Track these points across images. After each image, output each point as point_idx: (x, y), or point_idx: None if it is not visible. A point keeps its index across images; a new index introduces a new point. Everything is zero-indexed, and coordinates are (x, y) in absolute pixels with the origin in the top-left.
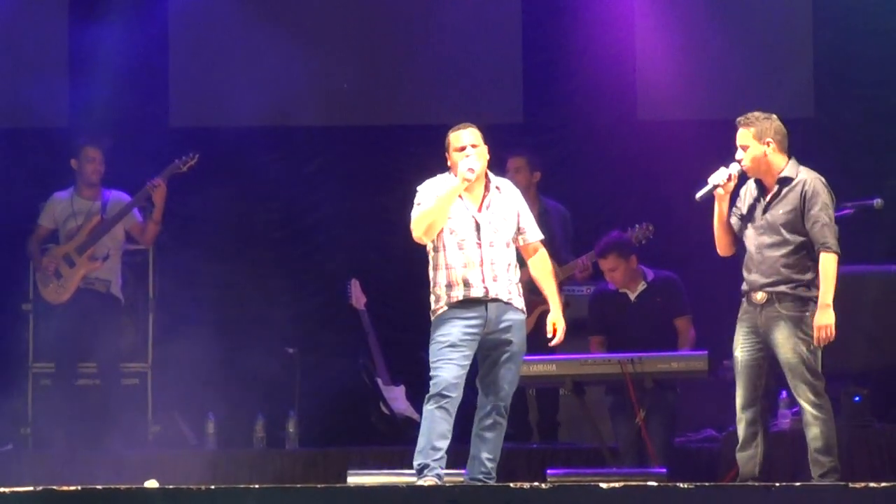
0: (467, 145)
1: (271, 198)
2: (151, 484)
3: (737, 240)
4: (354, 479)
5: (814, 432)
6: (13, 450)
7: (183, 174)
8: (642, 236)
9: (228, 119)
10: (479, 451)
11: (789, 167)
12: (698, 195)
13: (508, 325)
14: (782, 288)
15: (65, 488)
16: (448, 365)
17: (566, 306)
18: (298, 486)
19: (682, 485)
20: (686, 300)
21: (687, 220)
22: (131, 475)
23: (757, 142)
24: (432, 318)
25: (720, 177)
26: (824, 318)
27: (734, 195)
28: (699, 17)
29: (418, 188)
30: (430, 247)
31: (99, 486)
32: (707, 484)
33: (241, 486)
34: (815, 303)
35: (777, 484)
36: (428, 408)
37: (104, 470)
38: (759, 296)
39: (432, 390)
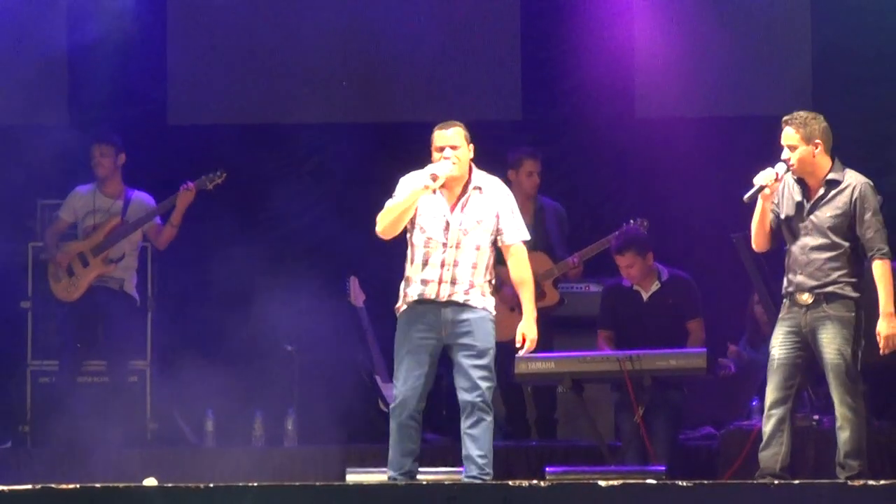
0: (446, 146)
1: (270, 195)
2: (150, 482)
3: (775, 237)
4: (353, 478)
5: (846, 435)
6: (11, 448)
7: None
8: None
9: (227, 117)
10: (470, 451)
11: (835, 169)
12: (746, 196)
13: (467, 325)
14: (830, 289)
15: (63, 486)
16: (406, 375)
17: (560, 303)
18: (297, 484)
19: (681, 482)
20: (699, 302)
21: (684, 218)
22: (130, 473)
23: (805, 143)
24: (396, 315)
25: (767, 177)
26: (889, 328)
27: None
28: (698, 15)
29: (400, 180)
30: (394, 235)
31: (97, 485)
32: (706, 482)
33: (240, 484)
34: (861, 305)
35: (775, 482)
36: (392, 421)
37: (103, 468)
38: (806, 297)
39: (393, 402)
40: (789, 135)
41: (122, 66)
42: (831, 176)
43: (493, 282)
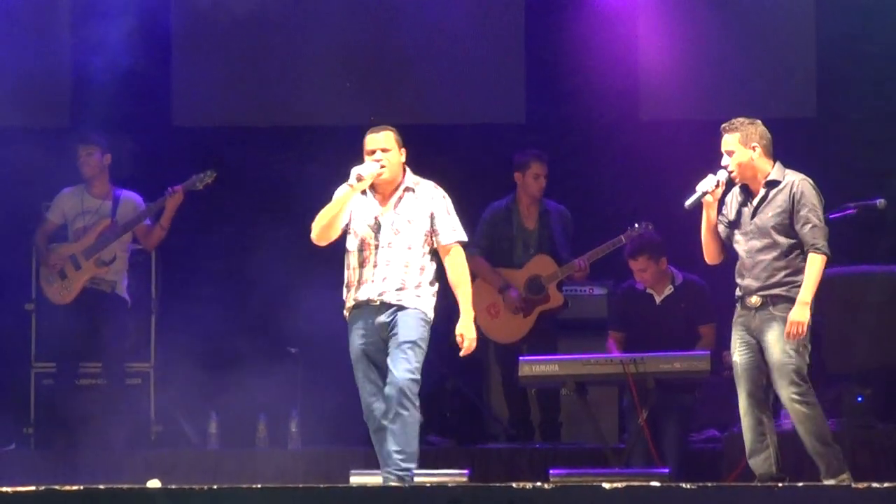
0: (377, 149)
1: (274, 197)
2: (154, 484)
3: (725, 248)
4: (357, 479)
5: (804, 429)
6: (15, 449)
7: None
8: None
9: (231, 118)
10: (389, 446)
11: (775, 170)
12: (687, 203)
13: (395, 319)
14: (777, 291)
15: (67, 488)
16: (362, 384)
17: (564, 306)
18: (301, 485)
19: (684, 485)
20: (712, 308)
21: (688, 220)
22: (133, 475)
23: (743, 147)
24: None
25: (708, 184)
26: (799, 315)
27: (720, 202)
28: (702, 17)
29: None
30: (331, 240)
31: (101, 486)
32: (710, 484)
33: (244, 485)
34: (810, 307)
35: (780, 484)
36: (370, 429)
37: (106, 470)
38: (754, 300)
39: (364, 411)
40: (727, 141)
41: (127, 67)
42: (771, 177)
43: (435, 285)
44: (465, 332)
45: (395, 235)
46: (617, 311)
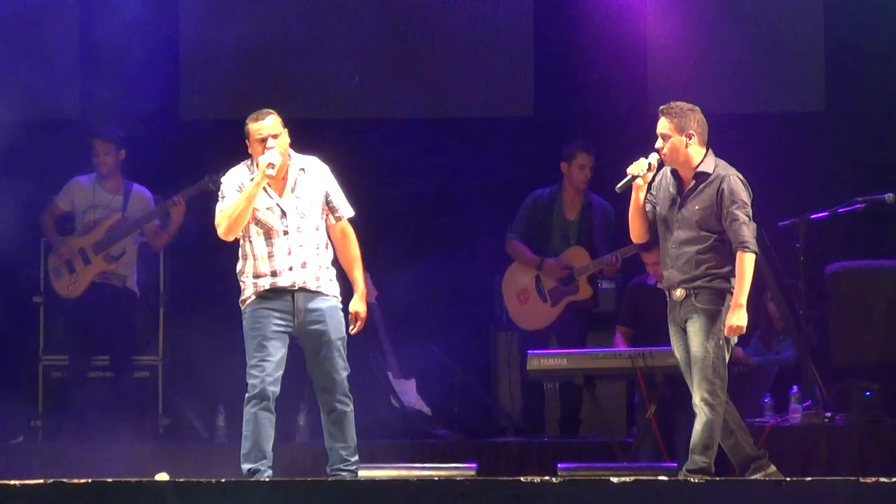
0: (268, 136)
1: None
2: (162, 477)
3: (651, 227)
4: (365, 473)
5: (697, 428)
6: (24, 442)
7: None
8: None
9: (239, 112)
10: (333, 443)
11: (706, 161)
12: (618, 186)
13: (319, 313)
14: (699, 282)
15: (75, 481)
16: (263, 363)
17: (593, 299)
18: (308, 479)
19: (692, 479)
20: None
21: None
22: (142, 468)
23: (678, 133)
24: (242, 308)
25: (639, 167)
26: (737, 319)
27: (651, 182)
28: (711, 11)
29: (222, 180)
30: (239, 234)
31: (109, 479)
32: (717, 478)
33: (252, 479)
34: (731, 296)
35: (787, 479)
36: (250, 410)
37: (114, 463)
38: (679, 292)
39: (251, 391)
40: (663, 124)
41: (135, 60)
42: (700, 168)
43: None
44: (360, 311)
45: (302, 219)
46: (627, 306)
